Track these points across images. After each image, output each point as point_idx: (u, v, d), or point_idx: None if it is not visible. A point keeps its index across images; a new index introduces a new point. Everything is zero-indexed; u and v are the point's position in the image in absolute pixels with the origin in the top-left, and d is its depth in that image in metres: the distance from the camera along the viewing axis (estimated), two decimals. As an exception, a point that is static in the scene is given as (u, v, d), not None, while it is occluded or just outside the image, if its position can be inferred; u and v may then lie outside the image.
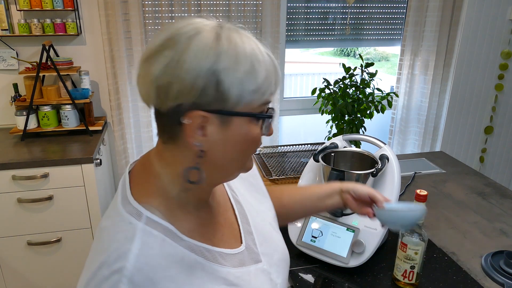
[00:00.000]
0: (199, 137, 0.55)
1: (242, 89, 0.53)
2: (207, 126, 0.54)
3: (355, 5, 2.47)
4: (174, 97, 0.52)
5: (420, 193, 0.94)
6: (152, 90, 0.53)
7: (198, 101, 0.52)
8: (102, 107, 2.32)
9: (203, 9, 2.17)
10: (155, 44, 0.54)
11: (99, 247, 0.55)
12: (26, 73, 1.95)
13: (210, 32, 0.53)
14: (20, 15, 2.04)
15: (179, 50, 0.52)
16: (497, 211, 1.42)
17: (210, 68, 0.51)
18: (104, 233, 0.56)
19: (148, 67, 0.53)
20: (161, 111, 0.55)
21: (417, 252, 0.97)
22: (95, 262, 0.53)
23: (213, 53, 0.52)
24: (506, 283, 1.03)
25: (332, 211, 1.11)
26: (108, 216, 0.59)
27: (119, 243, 0.53)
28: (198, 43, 0.52)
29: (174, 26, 0.54)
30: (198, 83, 0.51)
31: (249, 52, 0.54)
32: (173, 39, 0.53)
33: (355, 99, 2.11)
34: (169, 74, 0.52)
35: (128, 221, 0.55)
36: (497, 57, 2.68)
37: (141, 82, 0.56)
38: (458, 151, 2.88)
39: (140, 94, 0.57)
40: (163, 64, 0.52)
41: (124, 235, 0.54)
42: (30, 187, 1.80)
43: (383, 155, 1.15)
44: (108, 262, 0.51)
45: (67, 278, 2.00)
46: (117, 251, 0.52)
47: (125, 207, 0.57)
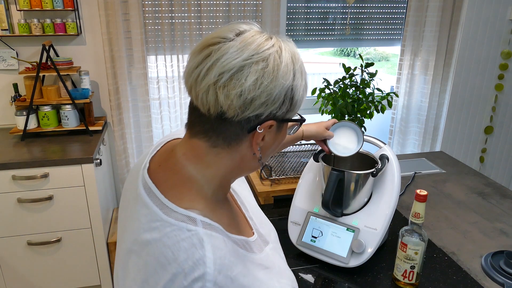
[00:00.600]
0: (261, 143, 0.61)
1: (301, 100, 0.62)
2: (267, 133, 0.61)
3: (355, 5, 2.47)
4: (257, 107, 0.57)
5: (420, 193, 0.94)
6: (237, 101, 0.56)
7: (274, 112, 0.59)
8: (102, 107, 2.32)
9: (203, 9, 2.17)
10: (238, 59, 0.56)
11: (159, 260, 0.54)
12: (26, 73, 1.95)
13: (286, 51, 0.59)
14: (20, 15, 2.04)
15: (269, 67, 0.56)
16: (497, 211, 1.41)
17: (290, 84, 0.58)
18: (159, 246, 0.54)
19: (236, 81, 0.55)
20: (231, 119, 0.58)
21: (417, 252, 0.96)
22: (162, 276, 0.53)
23: (292, 72, 0.59)
24: (506, 283, 1.03)
25: (332, 212, 1.11)
26: (150, 228, 0.57)
27: (189, 252, 0.53)
28: (284, 62, 0.58)
29: (252, 41, 0.57)
30: (281, 96, 0.58)
31: (304, 69, 0.62)
32: (259, 55, 0.56)
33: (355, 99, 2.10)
34: (260, 87, 0.56)
35: (186, 228, 0.55)
36: (497, 57, 2.68)
37: (216, 92, 0.56)
38: (458, 151, 2.88)
39: (206, 104, 0.58)
40: (253, 79, 0.55)
41: (189, 243, 0.54)
42: (30, 187, 1.80)
43: (383, 155, 1.15)
44: (184, 272, 0.52)
45: (67, 278, 2.00)
46: (191, 259, 0.53)
47: (172, 215, 0.57)
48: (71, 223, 1.90)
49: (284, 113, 0.61)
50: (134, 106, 2.30)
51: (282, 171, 1.65)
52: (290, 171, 1.65)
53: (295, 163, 1.74)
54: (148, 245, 0.55)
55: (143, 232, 0.57)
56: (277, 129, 0.62)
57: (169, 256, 0.53)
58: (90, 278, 2.03)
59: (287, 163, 1.74)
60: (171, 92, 2.30)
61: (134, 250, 0.57)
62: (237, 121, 0.58)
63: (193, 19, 2.17)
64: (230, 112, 0.57)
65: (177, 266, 0.52)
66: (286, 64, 0.58)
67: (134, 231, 0.58)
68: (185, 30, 2.19)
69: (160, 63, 2.26)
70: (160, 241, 0.55)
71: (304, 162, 1.75)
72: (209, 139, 0.60)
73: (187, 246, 0.54)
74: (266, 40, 0.58)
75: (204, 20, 2.20)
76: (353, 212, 1.13)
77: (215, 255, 0.54)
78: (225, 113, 0.57)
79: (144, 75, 2.21)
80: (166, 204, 0.58)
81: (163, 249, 0.54)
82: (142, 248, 0.56)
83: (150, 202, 0.59)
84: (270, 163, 1.71)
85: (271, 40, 0.59)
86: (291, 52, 0.60)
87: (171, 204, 0.58)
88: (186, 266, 0.52)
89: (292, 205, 1.21)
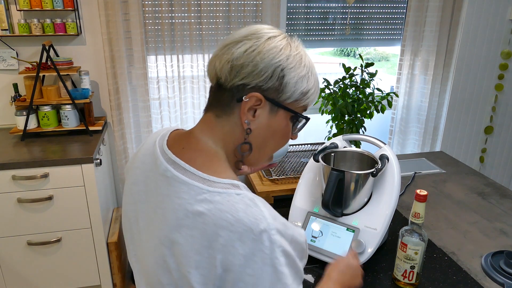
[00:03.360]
0: (250, 117, 0.66)
1: (295, 87, 0.67)
2: (258, 109, 0.66)
3: (355, 5, 2.47)
4: (243, 76, 0.64)
5: (420, 193, 0.94)
6: (226, 67, 0.65)
7: (260, 85, 0.65)
8: (102, 107, 2.32)
9: (203, 9, 2.17)
10: (238, 36, 0.66)
11: (220, 224, 0.58)
12: (26, 73, 1.95)
13: (284, 38, 0.67)
14: (20, 15, 2.04)
15: (259, 43, 0.65)
16: (497, 211, 1.42)
17: (280, 64, 0.64)
18: (215, 212, 0.59)
19: (228, 50, 0.65)
20: (225, 86, 0.66)
21: (417, 252, 0.97)
22: (229, 237, 0.58)
23: (285, 54, 0.65)
24: (506, 283, 1.03)
25: (332, 212, 1.11)
26: (198, 201, 0.61)
27: (247, 211, 0.59)
28: (275, 42, 0.65)
29: (256, 26, 0.68)
30: (267, 70, 0.64)
31: (308, 62, 0.68)
32: (255, 34, 0.66)
33: (355, 99, 2.10)
34: (246, 58, 0.64)
35: (234, 193, 0.61)
36: (497, 57, 2.68)
37: (215, 61, 0.67)
38: (458, 151, 2.88)
39: (209, 72, 0.69)
40: (243, 49, 0.64)
41: (244, 204, 0.60)
42: (30, 187, 1.80)
43: (383, 155, 1.15)
44: (250, 228, 0.58)
45: (67, 278, 2.00)
46: (252, 216, 0.59)
47: (216, 186, 0.62)
48: (71, 223, 1.90)
49: (273, 92, 0.66)
50: (134, 106, 2.30)
51: (282, 171, 1.65)
52: (290, 171, 1.65)
53: (295, 163, 1.74)
54: (202, 215, 0.59)
55: (191, 206, 0.61)
56: (271, 110, 0.67)
57: (230, 219, 0.58)
58: (90, 278, 2.03)
59: (287, 163, 1.74)
60: (171, 92, 2.30)
61: (184, 225, 0.61)
62: (229, 88, 0.66)
63: (193, 19, 2.17)
64: (222, 77, 0.66)
65: (241, 224, 0.58)
66: (278, 45, 0.65)
67: (178, 210, 0.62)
68: (185, 30, 2.19)
69: (160, 63, 2.26)
70: (214, 209, 0.59)
71: (304, 162, 1.75)
72: (214, 109, 0.69)
73: (244, 207, 0.60)
74: (271, 29, 0.67)
75: (204, 20, 2.20)
76: (353, 212, 1.13)
77: (266, 208, 0.61)
78: (220, 79, 0.67)
79: (144, 75, 2.21)
80: (206, 178, 0.63)
81: (221, 215, 0.59)
82: (196, 220, 0.60)
83: (189, 179, 0.63)
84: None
85: (277, 31, 0.68)
86: (294, 45, 0.67)
87: (211, 177, 0.63)
88: (250, 223, 0.58)
89: (292, 205, 1.21)
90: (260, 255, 0.58)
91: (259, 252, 0.58)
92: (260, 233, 0.58)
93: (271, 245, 0.59)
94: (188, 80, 2.31)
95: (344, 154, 1.24)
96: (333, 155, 1.23)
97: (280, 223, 0.61)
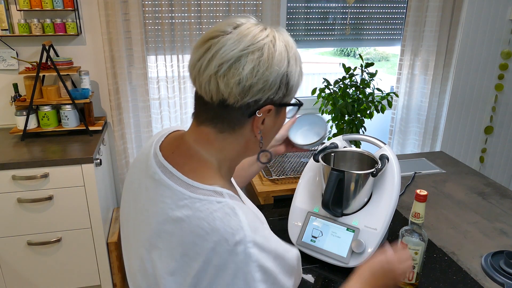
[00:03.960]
0: (261, 126, 0.66)
1: (297, 85, 0.68)
2: (267, 118, 0.66)
3: (355, 5, 2.47)
4: (254, 94, 0.62)
5: (420, 193, 0.94)
6: (236, 90, 0.61)
7: (272, 97, 0.64)
8: (102, 107, 2.32)
9: (203, 9, 2.17)
10: (236, 50, 0.60)
11: (197, 233, 0.57)
12: (26, 73, 1.95)
13: (280, 40, 0.64)
14: (20, 15, 2.04)
15: (263, 57, 0.61)
16: (497, 211, 1.42)
17: (285, 71, 0.63)
18: (193, 220, 0.58)
19: (232, 70, 0.60)
20: (233, 105, 0.63)
21: (417, 252, 0.96)
22: (203, 246, 0.57)
23: (286, 59, 0.64)
24: (506, 283, 1.03)
25: (332, 213, 1.11)
26: (178, 206, 0.60)
27: (224, 220, 0.58)
28: (278, 50, 0.63)
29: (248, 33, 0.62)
30: (277, 82, 0.63)
31: (298, 56, 0.67)
32: (255, 45, 0.61)
33: (355, 99, 2.10)
34: (256, 75, 0.61)
35: (215, 201, 0.60)
36: (497, 57, 2.68)
37: (217, 82, 0.61)
38: (458, 151, 2.88)
39: (207, 92, 0.63)
40: (250, 67, 0.60)
41: (223, 213, 0.59)
42: (30, 187, 1.80)
43: (383, 155, 1.15)
44: (225, 238, 0.56)
45: (67, 278, 2.00)
46: (228, 226, 0.57)
47: (198, 192, 0.61)
48: (71, 223, 1.90)
49: (281, 98, 0.66)
50: (134, 106, 2.30)
51: (282, 171, 1.65)
52: (290, 171, 1.65)
53: (295, 163, 1.74)
54: (181, 221, 0.59)
55: (172, 211, 0.60)
56: (276, 113, 0.68)
57: (206, 227, 0.57)
58: (90, 278, 2.03)
59: (287, 163, 1.74)
60: (171, 92, 2.30)
61: (164, 230, 0.60)
62: (238, 107, 0.63)
63: (193, 19, 2.17)
64: (231, 99, 0.62)
65: (217, 234, 0.57)
66: (280, 52, 0.63)
67: (160, 214, 0.62)
68: (185, 30, 2.19)
69: (160, 63, 2.26)
70: (193, 216, 0.59)
71: (304, 162, 1.75)
72: (216, 125, 0.66)
73: (221, 216, 0.58)
74: (260, 31, 0.63)
75: (204, 20, 2.20)
76: (353, 212, 1.13)
77: (248, 219, 0.59)
78: (226, 100, 0.62)
79: (144, 75, 2.21)
80: (190, 184, 0.62)
81: (198, 222, 0.58)
82: (175, 226, 0.59)
83: (173, 184, 0.62)
84: (270, 163, 1.71)
85: (265, 31, 0.63)
86: (285, 40, 0.65)
87: (195, 183, 0.62)
88: (225, 233, 0.57)
89: (292, 205, 1.21)
90: (232, 268, 0.56)
91: (231, 264, 0.56)
92: (235, 244, 0.56)
93: (246, 259, 0.56)
94: (188, 80, 2.31)
95: (344, 154, 1.24)
96: (333, 155, 1.23)
97: (261, 236, 0.59)
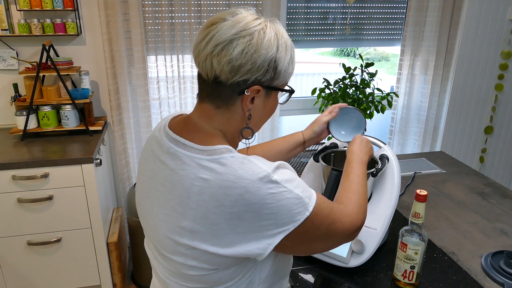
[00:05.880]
0: (250, 105, 0.74)
1: (286, 72, 0.75)
2: (256, 98, 0.74)
3: (355, 5, 2.47)
4: (243, 74, 0.70)
5: (420, 193, 0.94)
6: (227, 68, 0.69)
7: (259, 78, 0.72)
8: (102, 107, 2.32)
9: (203, 9, 2.17)
10: (229, 33, 0.69)
11: (225, 185, 0.67)
12: (26, 73, 1.95)
13: (271, 29, 0.72)
14: (20, 15, 2.04)
15: (253, 41, 0.69)
16: (497, 211, 1.42)
17: (273, 56, 0.71)
18: (217, 176, 0.67)
19: (225, 50, 0.69)
20: (225, 83, 0.71)
21: (417, 252, 0.97)
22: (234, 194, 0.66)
23: (275, 45, 0.71)
24: (506, 283, 1.03)
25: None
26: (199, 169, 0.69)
27: (244, 167, 0.68)
28: (267, 36, 0.70)
29: (242, 20, 0.70)
30: (264, 65, 0.71)
31: (290, 44, 0.75)
32: (245, 30, 0.69)
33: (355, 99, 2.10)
34: (244, 57, 0.69)
35: (229, 156, 0.69)
36: (497, 57, 2.68)
37: (211, 60, 0.70)
38: (458, 151, 2.88)
39: (203, 69, 0.72)
40: (240, 49, 0.69)
41: (239, 163, 0.68)
42: (30, 187, 1.80)
43: (383, 155, 1.15)
44: (251, 180, 0.67)
45: (67, 278, 2.00)
46: (250, 170, 0.67)
47: (213, 153, 0.70)
48: (71, 223, 1.90)
49: (269, 81, 0.73)
50: (134, 106, 2.30)
51: (282, 171, 1.65)
52: (290, 171, 1.65)
53: (295, 163, 1.74)
54: (207, 181, 0.68)
55: (194, 175, 0.69)
56: (266, 95, 0.75)
57: (231, 178, 0.67)
58: (90, 278, 2.03)
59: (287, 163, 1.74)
60: (171, 92, 2.30)
61: (192, 192, 0.69)
62: (229, 84, 0.71)
63: (193, 19, 2.17)
64: (223, 76, 0.70)
65: (243, 180, 0.66)
66: (269, 38, 0.71)
67: (184, 180, 0.70)
68: (185, 30, 2.19)
69: (160, 63, 2.26)
70: (215, 173, 0.68)
71: (304, 162, 1.75)
72: (213, 101, 0.74)
73: (240, 165, 0.68)
74: (254, 19, 0.72)
75: (204, 20, 2.20)
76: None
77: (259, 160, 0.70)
78: (219, 77, 0.71)
79: (144, 75, 2.21)
80: (204, 149, 0.71)
81: (223, 177, 0.67)
82: (202, 186, 0.68)
83: (190, 153, 0.71)
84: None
85: (258, 19, 0.72)
86: (276, 29, 0.73)
87: (208, 147, 0.71)
88: (249, 176, 0.67)
89: (292, 205, 1.21)
90: (271, 197, 0.67)
91: (269, 195, 0.67)
92: (260, 180, 0.67)
93: (276, 185, 0.68)
94: (188, 80, 2.31)
95: (344, 154, 1.23)
96: (333, 155, 1.23)
97: (271, 164, 0.70)
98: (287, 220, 0.68)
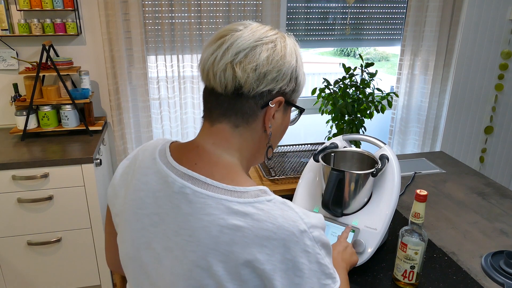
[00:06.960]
0: (272, 120, 0.67)
1: (303, 85, 0.71)
2: (276, 112, 0.68)
3: (355, 5, 2.47)
4: (269, 82, 0.64)
5: (420, 193, 0.94)
6: (253, 76, 0.63)
7: (284, 89, 0.66)
8: (102, 107, 2.32)
9: (203, 9, 2.17)
10: (251, 39, 0.64)
11: (262, 235, 0.57)
12: (26, 73, 1.95)
13: (288, 39, 0.68)
14: (20, 15, 2.04)
15: (277, 47, 0.65)
16: (497, 211, 1.42)
17: (295, 65, 0.67)
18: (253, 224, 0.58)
19: (249, 57, 0.63)
20: (248, 94, 0.64)
21: (417, 252, 0.97)
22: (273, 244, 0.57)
23: (295, 54, 0.67)
24: (506, 283, 1.03)
25: (332, 212, 1.11)
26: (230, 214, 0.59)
27: (285, 216, 0.59)
28: (289, 46, 0.67)
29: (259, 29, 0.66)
30: (288, 74, 0.66)
31: (301, 57, 0.70)
32: (268, 38, 0.65)
33: (355, 99, 2.10)
34: (271, 63, 0.64)
35: (265, 200, 0.60)
36: (497, 57, 2.68)
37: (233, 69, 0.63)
38: (458, 151, 2.88)
39: (222, 81, 0.64)
40: (265, 55, 0.63)
41: (278, 209, 0.60)
42: (30, 187, 1.80)
43: (383, 155, 1.15)
44: (292, 232, 0.58)
45: (67, 278, 2.00)
46: (290, 219, 0.59)
47: (246, 196, 0.60)
48: (71, 223, 1.90)
49: (291, 92, 0.69)
50: (134, 106, 2.30)
51: (282, 171, 1.65)
52: (290, 171, 1.65)
53: (295, 163, 1.74)
54: (240, 229, 0.58)
55: (224, 221, 0.58)
56: (284, 110, 0.70)
57: (270, 227, 0.58)
58: (90, 278, 2.03)
59: (287, 163, 1.74)
60: (171, 92, 2.30)
61: (221, 242, 0.58)
62: (252, 96, 0.65)
63: (193, 19, 2.17)
64: (246, 87, 0.63)
65: (283, 230, 0.58)
66: (290, 47, 0.67)
67: (209, 227, 0.59)
68: (185, 30, 2.19)
69: (160, 63, 2.26)
70: (252, 220, 0.58)
71: (304, 162, 1.75)
72: (230, 119, 0.66)
73: (280, 212, 0.59)
74: (270, 29, 0.67)
75: (204, 20, 2.20)
76: (353, 212, 1.13)
77: (297, 208, 0.62)
78: (242, 88, 0.64)
79: (144, 75, 2.21)
80: (233, 190, 0.61)
81: (260, 225, 0.58)
82: (234, 234, 0.57)
83: (214, 194, 0.61)
84: (269, 163, 1.71)
85: (274, 30, 0.68)
86: (292, 41, 0.69)
87: (236, 187, 0.61)
88: (290, 227, 0.58)
89: (292, 205, 1.21)
90: (305, 256, 0.59)
91: (304, 253, 0.59)
92: (301, 234, 0.59)
93: (313, 243, 0.60)
94: (188, 80, 2.31)
95: (344, 154, 1.24)
96: (333, 155, 1.23)
97: (311, 217, 0.63)
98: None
